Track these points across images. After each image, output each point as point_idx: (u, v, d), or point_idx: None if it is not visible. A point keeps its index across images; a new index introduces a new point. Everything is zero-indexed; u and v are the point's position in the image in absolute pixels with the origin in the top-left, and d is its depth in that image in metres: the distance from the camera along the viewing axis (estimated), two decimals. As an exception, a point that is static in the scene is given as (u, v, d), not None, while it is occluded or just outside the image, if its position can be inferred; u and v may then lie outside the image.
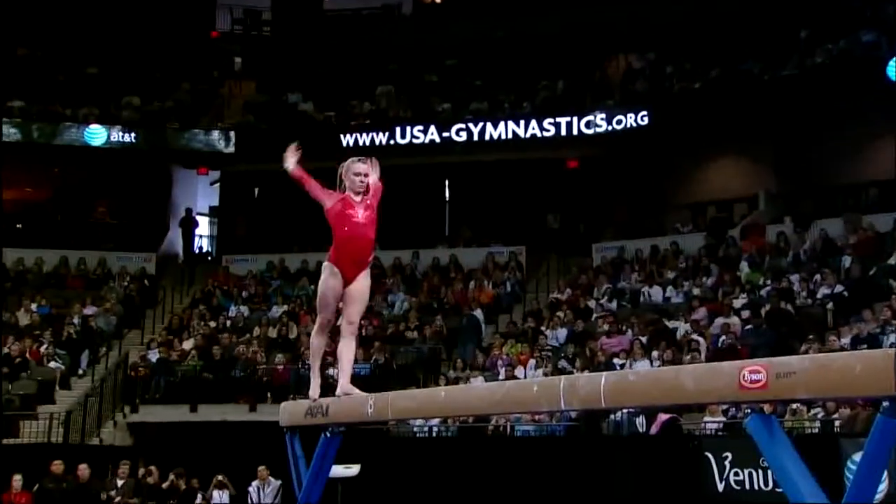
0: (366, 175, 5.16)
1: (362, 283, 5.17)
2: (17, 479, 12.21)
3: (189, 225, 21.61)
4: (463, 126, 19.48)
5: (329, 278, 5.13)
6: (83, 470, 12.38)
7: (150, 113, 20.83)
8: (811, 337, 12.38)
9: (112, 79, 21.18)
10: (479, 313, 16.59)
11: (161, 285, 19.83)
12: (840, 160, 17.37)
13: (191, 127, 20.70)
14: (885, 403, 3.01)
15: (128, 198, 21.47)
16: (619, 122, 18.57)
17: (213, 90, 22.18)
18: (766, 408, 3.59)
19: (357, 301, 5.17)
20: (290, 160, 5.30)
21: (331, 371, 15.03)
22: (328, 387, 5.58)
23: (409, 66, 21.74)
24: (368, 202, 5.16)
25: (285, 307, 17.79)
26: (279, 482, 12.63)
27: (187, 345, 16.78)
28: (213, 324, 17.54)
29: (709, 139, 18.86)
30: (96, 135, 20.00)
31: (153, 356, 16.37)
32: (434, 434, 13.39)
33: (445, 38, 21.28)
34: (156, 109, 20.93)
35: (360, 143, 19.54)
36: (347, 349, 5.20)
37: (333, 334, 5.44)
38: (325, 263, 5.19)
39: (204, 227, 23.18)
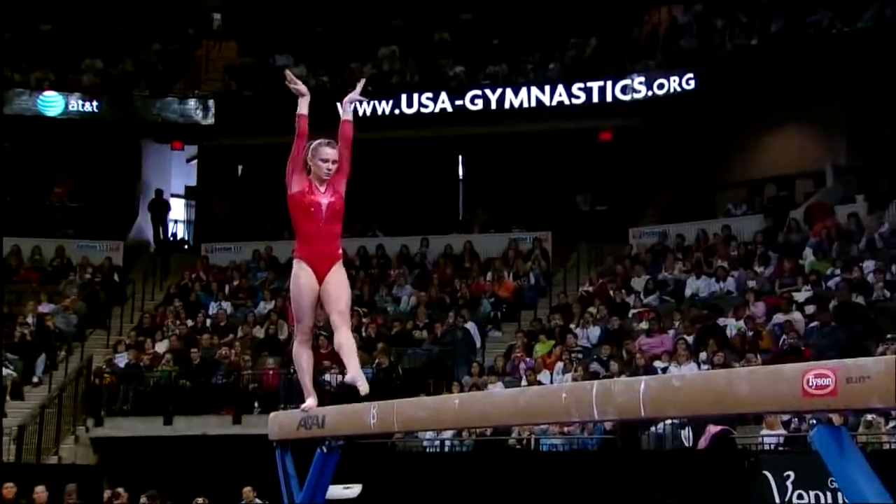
0: (333, 162, 5.26)
1: (337, 277, 5.26)
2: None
3: (160, 209, 21.70)
4: (479, 92, 19.45)
5: (300, 277, 5.23)
6: (40, 493, 12.43)
7: (115, 78, 20.88)
8: (889, 336, 12.36)
9: (69, 37, 21.23)
10: (472, 326, 16.39)
11: (130, 278, 19.92)
12: (923, 129, 17.26)
13: (163, 94, 20.74)
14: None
15: (90, 177, 21.55)
16: (660, 86, 18.51)
17: (188, 51, 22.20)
18: (836, 418, 3.59)
19: (340, 294, 5.25)
20: (305, 102, 5.45)
21: (326, 377, 15.16)
22: (322, 395, 5.59)
23: (416, 23, 21.69)
24: (335, 188, 5.28)
25: (274, 303, 17.85)
26: (267, 505, 12.71)
27: (160, 347, 16.87)
28: (190, 322, 17.63)
29: (767, 105, 18.76)
30: (52, 103, 20.07)
31: (121, 361, 16.46)
32: (446, 449, 13.44)
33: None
34: (121, 74, 20.99)
35: (360, 112, 19.51)
36: (347, 338, 5.23)
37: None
38: (294, 262, 5.30)
39: (179, 210, 23.25)
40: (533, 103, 19.18)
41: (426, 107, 19.56)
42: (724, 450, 11.32)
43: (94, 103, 20.21)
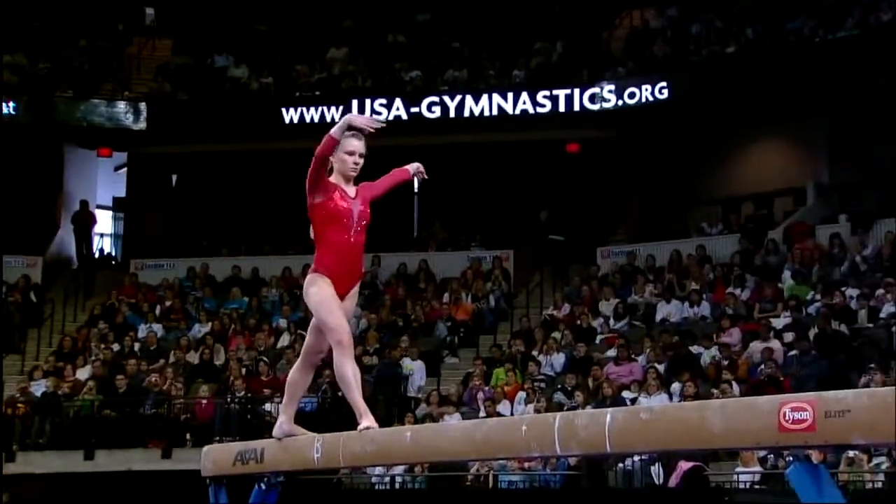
0: (361, 155, 5.10)
1: (351, 303, 5.17)
2: None
3: (85, 221, 21.46)
4: (436, 99, 19.51)
5: (325, 286, 5.01)
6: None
7: (35, 77, 20.65)
8: (872, 366, 12.52)
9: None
10: (413, 364, 15.91)
11: (49, 298, 19.67)
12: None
13: (88, 96, 20.55)
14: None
15: (5, 186, 21.23)
16: (631, 95, 18.69)
17: (117, 49, 22.03)
18: (814, 455, 3.63)
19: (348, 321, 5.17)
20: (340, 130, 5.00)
21: (267, 407, 15.06)
22: (265, 426, 5.55)
23: (368, 23, 21.73)
24: (364, 195, 5.15)
25: (210, 325, 17.72)
26: (199, 549, 12.58)
27: (82, 374, 16.66)
28: (116, 347, 17.44)
29: (745, 117, 19.02)
30: (-36, 104, 19.79)
31: (37, 389, 16.22)
32: (397, 485, 13.40)
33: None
34: (42, 72, 20.77)
35: (307, 118, 19.53)
36: (304, 379, 5.25)
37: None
38: (313, 275, 5.08)
39: (105, 223, 23.00)
40: (495, 112, 19.27)
41: (379, 114, 19.52)
42: (696, 488, 11.40)
43: (11, 104, 19.95)
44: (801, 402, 3.31)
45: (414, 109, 19.55)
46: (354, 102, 19.65)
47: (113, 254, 22.78)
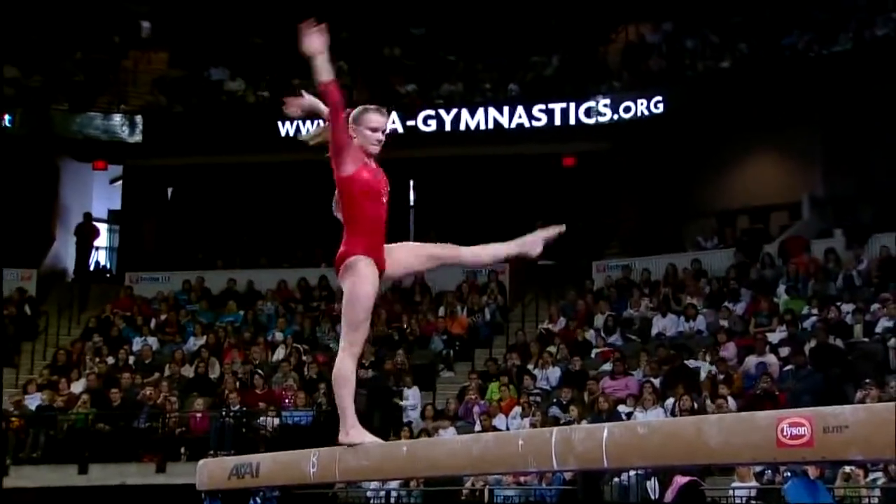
0: (384, 132, 4.90)
1: (402, 253, 4.96)
2: None
3: (89, 234, 21.45)
4: (432, 113, 19.55)
5: (370, 278, 4.66)
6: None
7: (30, 89, 20.66)
8: (868, 381, 12.53)
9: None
10: (408, 392, 15.68)
11: (43, 310, 19.64)
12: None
13: (84, 109, 20.56)
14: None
15: (1, 199, 21.22)
16: (627, 109, 18.73)
17: (113, 62, 22.06)
18: (811, 471, 3.64)
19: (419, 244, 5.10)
20: (323, 61, 4.78)
21: (262, 420, 15.02)
22: (260, 440, 5.52)
23: (365, 37, 21.78)
24: (377, 167, 4.91)
25: (205, 339, 17.69)
26: (193, 563, 12.53)
27: (77, 387, 16.62)
28: (111, 360, 17.41)
29: (740, 131, 19.07)
30: (-41, 117, 19.78)
31: (32, 402, 16.18)
32: (392, 499, 13.38)
33: (411, 1, 21.36)
34: (38, 85, 20.78)
35: (303, 131, 19.55)
36: (469, 248, 5.10)
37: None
38: (356, 258, 4.69)
39: (101, 236, 22.99)
40: (490, 125, 19.31)
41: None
42: (692, 502, 11.38)
43: (6, 117, 19.97)
44: (798, 417, 3.30)
45: (410, 123, 19.59)
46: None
47: (108, 266, 22.76)
